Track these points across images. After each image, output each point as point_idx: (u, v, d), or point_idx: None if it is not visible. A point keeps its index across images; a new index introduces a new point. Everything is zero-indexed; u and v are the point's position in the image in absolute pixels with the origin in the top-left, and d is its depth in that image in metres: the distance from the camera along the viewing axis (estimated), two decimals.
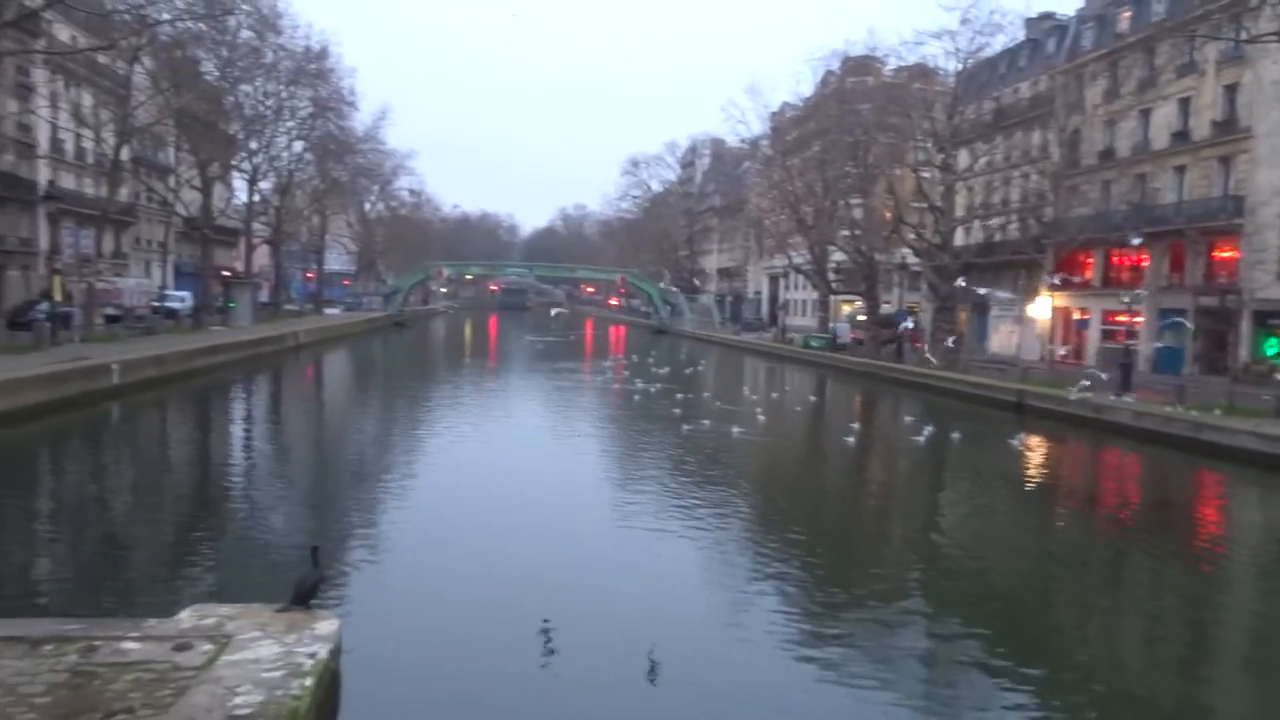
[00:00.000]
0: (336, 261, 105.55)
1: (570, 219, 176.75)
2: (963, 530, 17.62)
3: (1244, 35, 33.79)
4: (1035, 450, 26.96)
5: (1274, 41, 29.17)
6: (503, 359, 61.19)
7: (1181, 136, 46.31)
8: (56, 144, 57.02)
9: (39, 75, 52.83)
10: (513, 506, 16.87)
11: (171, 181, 59.87)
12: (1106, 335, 49.94)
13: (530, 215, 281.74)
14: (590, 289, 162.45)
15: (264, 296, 74.14)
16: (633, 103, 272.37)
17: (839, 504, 19.96)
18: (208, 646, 7.70)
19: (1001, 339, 58.52)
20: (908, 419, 30.56)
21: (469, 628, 10.44)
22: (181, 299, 59.62)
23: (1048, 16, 59.55)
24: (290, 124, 62.75)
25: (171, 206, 59.24)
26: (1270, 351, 39.65)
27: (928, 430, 26.65)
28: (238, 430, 27.64)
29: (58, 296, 37.87)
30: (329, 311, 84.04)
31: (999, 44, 53.13)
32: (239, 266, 71.76)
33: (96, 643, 7.68)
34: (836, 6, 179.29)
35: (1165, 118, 47.30)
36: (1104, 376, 33.11)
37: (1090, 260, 51.64)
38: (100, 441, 23.99)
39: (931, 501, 20.72)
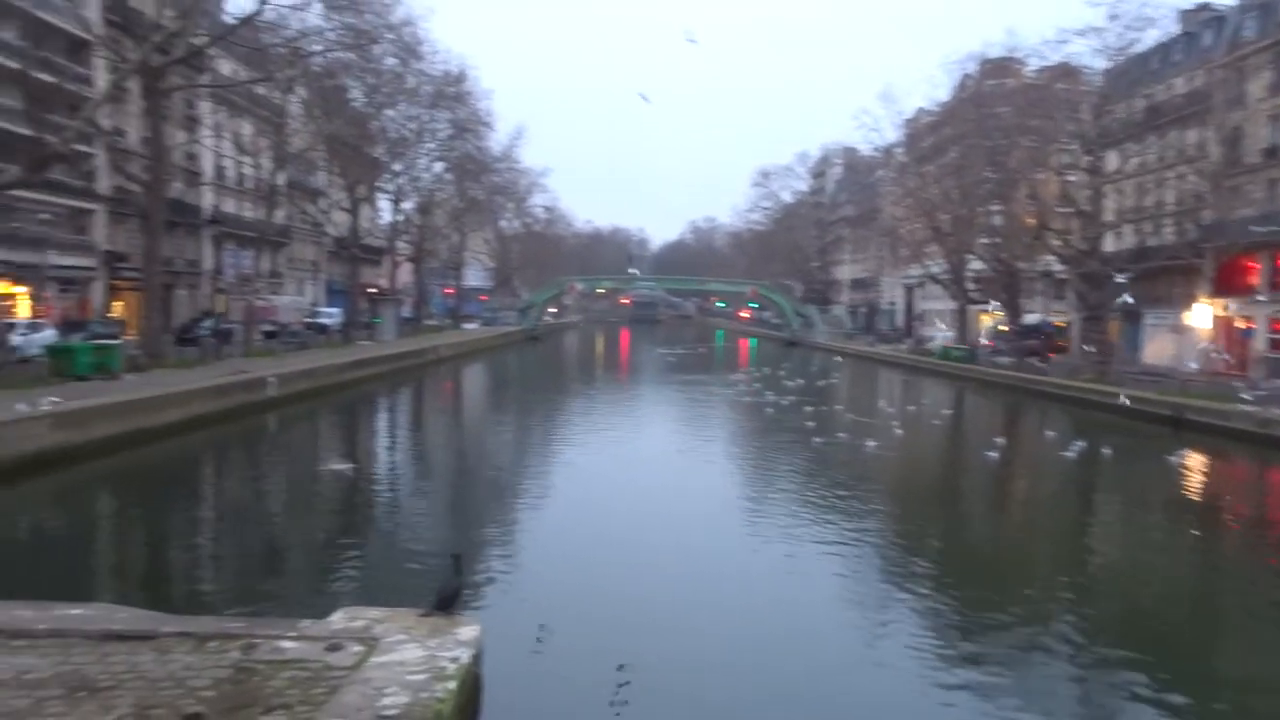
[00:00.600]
0: (474, 277, 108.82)
1: (700, 232, 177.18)
2: (1117, 553, 16.72)
3: None
4: (1196, 468, 25.38)
5: None
6: (634, 371, 61.73)
7: None
8: (219, 171, 60.90)
9: (204, 108, 56.61)
10: (645, 520, 16.96)
11: (322, 204, 63.05)
12: (1275, 345, 46.63)
13: (660, 229, 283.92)
14: (720, 301, 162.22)
15: (406, 312, 77.15)
16: (763, 114, 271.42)
17: (981, 522, 19.26)
18: (357, 648, 8.03)
19: (1156, 349, 55.35)
20: (1054, 433, 29.23)
21: (604, 639, 10.54)
22: (331, 315, 62.66)
23: (1205, 8, 56.25)
24: (431, 145, 65.25)
25: (322, 227, 62.37)
26: None
27: (1077, 445, 25.40)
28: (383, 440, 28.82)
29: (220, 313, 40.38)
30: (467, 326, 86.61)
31: (1150, 39, 50.44)
32: (384, 284, 74.89)
33: (256, 641, 8.11)
34: (972, 9, 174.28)
35: None
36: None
37: (1255, 265, 48.34)
38: (258, 450, 25.40)
39: (1081, 521, 19.72)
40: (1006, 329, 57.40)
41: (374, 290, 75.51)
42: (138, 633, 8.23)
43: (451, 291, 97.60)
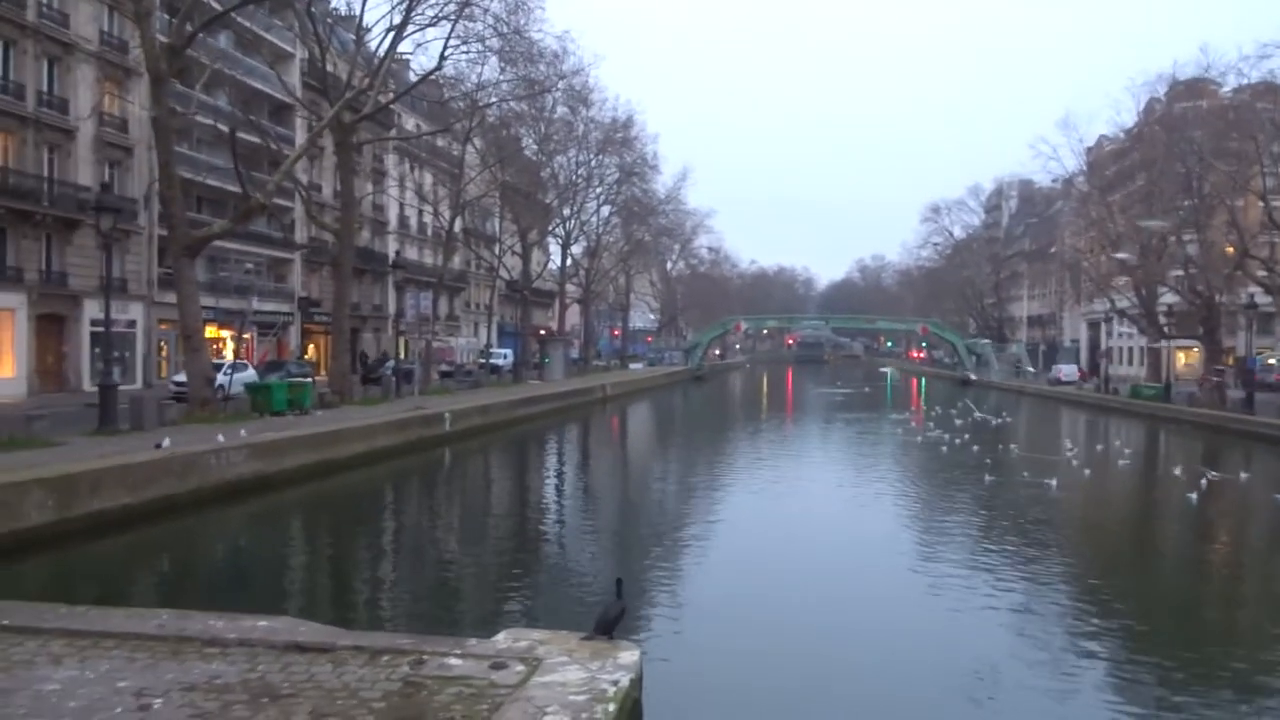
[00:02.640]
0: (640, 319, 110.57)
1: (868, 270, 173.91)
2: None
3: None
4: None
5: None
6: (799, 410, 60.83)
7: None
8: (402, 220, 64.57)
9: (390, 160, 60.30)
10: (811, 557, 16.57)
11: (496, 249, 65.77)
12: None
13: (827, 268, 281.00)
14: (889, 341, 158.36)
15: (575, 353, 79.09)
16: (932, 148, 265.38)
17: (1180, 572, 17.68)
18: (520, 667, 8.12)
19: None
20: (1266, 477, 26.72)
21: (763, 676, 10.27)
22: (504, 356, 65.03)
23: None
24: (599, 190, 67.09)
25: (496, 271, 64.87)
26: None
27: None
28: (551, 473, 29.48)
29: (401, 354, 42.59)
30: (633, 366, 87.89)
31: None
32: (553, 325, 77.13)
33: (425, 657, 8.34)
34: (1155, 27, 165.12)
35: None
36: None
37: None
38: (435, 481, 26.49)
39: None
40: (1209, 366, 53.29)
41: (544, 331, 77.86)
42: (317, 644, 8.62)
43: (618, 332, 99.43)
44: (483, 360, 60.89)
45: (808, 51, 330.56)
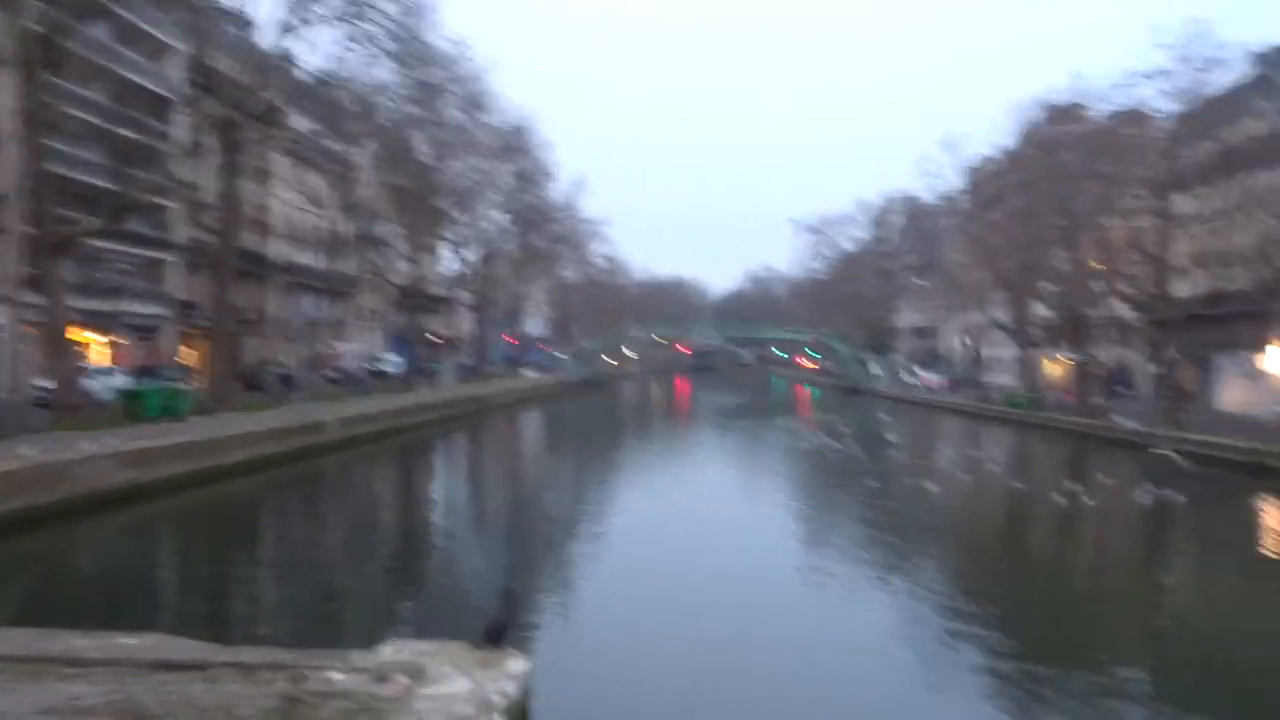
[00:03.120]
0: (534, 326, 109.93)
1: (759, 280, 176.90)
2: (1195, 607, 15.91)
3: None
4: (1276, 515, 24.29)
5: None
6: (691, 418, 61.50)
7: None
8: (289, 222, 62.67)
9: (276, 160, 58.47)
10: (701, 562, 16.71)
11: (387, 254, 64.48)
12: None
13: (720, 277, 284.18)
14: (780, 350, 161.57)
15: (467, 359, 78.10)
16: (822, 163, 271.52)
17: (1049, 572, 18.52)
18: (405, 680, 7.95)
19: (1233, 396, 53.49)
20: (1125, 479, 28.26)
21: (653, 681, 10.31)
22: (394, 362, 63.71)
23: None
24: (494, 196, 66.46)
25: (386, 276, 63.65)
26: None
27: (1152, 493, 24.47)
28: (440, 482, 29.06)
29: (286, 360, 41.33)
30: (527, 373, 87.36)
31: (1224, 80, 49.38)
32: (445, 332, 75.99)
33: (305, 672, 8.08)
34: (1036, 54, 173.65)
35: None
36: None
37: None
38: (319, 490, 25.75)
39: (1158, 574, 18.89)
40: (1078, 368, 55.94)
41: (435, 338, 76.68)
42: (190, 662, 8.26)
43: (512, 340, 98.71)
44: (372, 367, 59.62)
45: (702, 65, 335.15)
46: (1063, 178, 52.72)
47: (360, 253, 66.33)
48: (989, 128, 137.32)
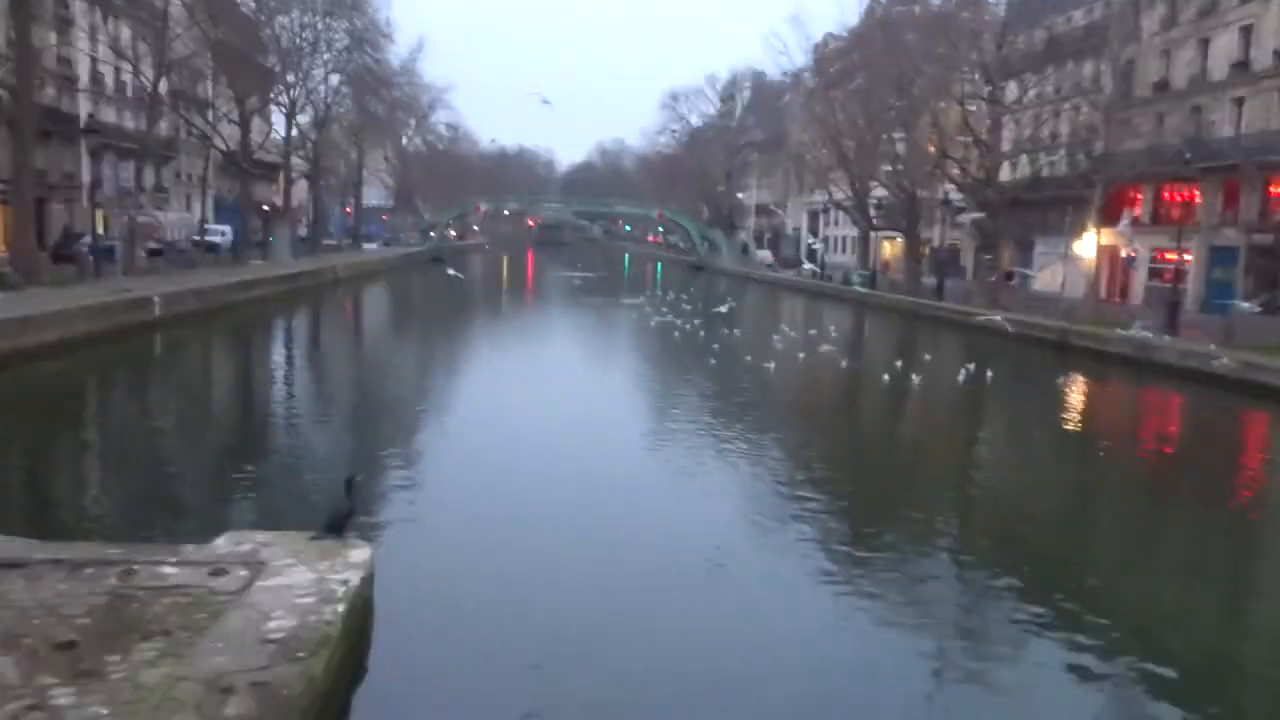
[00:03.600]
0: (374, 197, 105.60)
1: (608, 154, 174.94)
2: (1001, 471, 17.42)
3: None
4: (1078, 390, 26.56)
5: None
6: (539, 294, 61.29)
7: (1242, 67, 44.54)
8: (96, 77, 57.20)
9: (78, 8, 52.82)
10: (548, 445, 16.85)
11: (210, 115, 59.96)
12: (1154, 274, 48.78)
13: (568, 150, 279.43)
14: (627, 225, 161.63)
15: (303, 231, 74.56)
16: (672, 34, 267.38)
17: (875, 442, 19.84)
18: (243, 572, 7.80)
19: (1046, 277, 57.36)
20: (948, 357, 30.19)
21: (498, 570, 10.45)
22: (222, 233, 60.16)
23: None
24: (327, 57, 62.47)
25: (210, 141, 59.37)
26: None
27: (969, 368, 26.24)
28: (276, 363, 28.01)
29: (100, 230, 38.32)
30: (367, 247, 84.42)
31: None
32: (278, 201, 72.07)
33: (135, 567, 7.81)
34: None
35: (1225, 47, 45.49)
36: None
37: (1140, 196, 50.23)
38: (142, 373, 24.40)
39: (969, 441, 20.48)
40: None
41: (267, 208, 72.65)
42: (6, 560, 7.84)
43: (350, 211, 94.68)
44: (198, 238, 56.09)
45: None
46: (902, 59, 53.87)
47: (180, 114, 61.47)
48: (836, 5, 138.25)
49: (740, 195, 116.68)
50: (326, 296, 48.18)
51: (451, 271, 54.75)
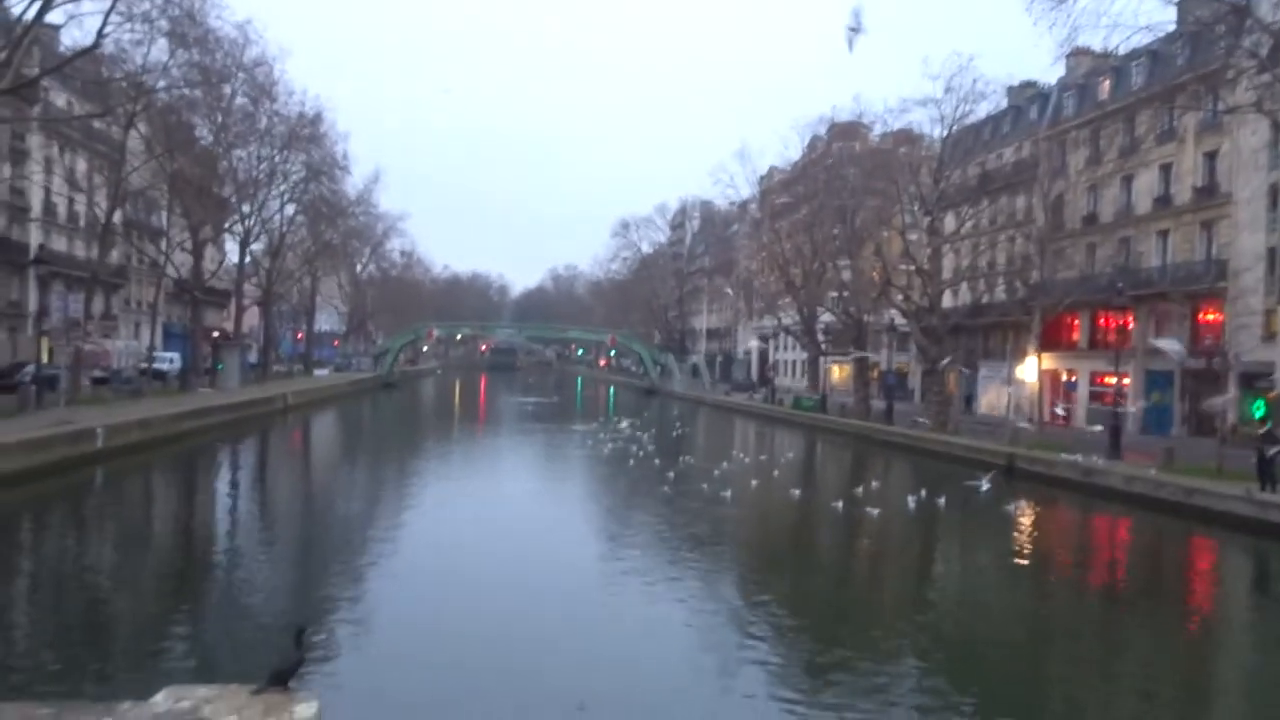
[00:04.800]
0: (327, 322, 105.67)
1: (561, 279, 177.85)
2: (955, 598, 17.42)
3: (1221, 106, 34.47)
4: (1028, 516, 26.83)
5: (1251, 112, 29.75)
6: (491, 420, 61.01)
7: (1163, 201, 47.03)
8: (49, 207, 57.31)
9: (34, 140, 53.29)
10: (501, 582, 16.52)
11: (163, 244, 60.11)
12: (1095, 396, 50.08)
13: (521, 275, 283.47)
14: (580, 349, 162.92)
15: (253, 358, 74.00)
16: (624, 164, 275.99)
17: (830, 570, 19.76)
18: None
19: (991, 400, 58.61)
20: (898, 483, 30.42)
21: (454, 713, 10.17)
22: (170, 360, 59.53)
23: (1030, 85, 60.65)
24: (283, 187, 63.30)
25: (162, 269, 59.38)
26: (1258, 414, 39.74)
27: (920, 494, 26.50)
28: (222, 497, 27.33)
29: (44, 359, 37.71)
30: (318, 373, 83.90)
31: (983, 110, 54.08)
32: (229, 328, 71.71)
33: None
34: (824, 73, 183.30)
35: (1147, 183, 48.08)
36: (1098, 428, 33.10)
37: (1077, 322, 52.00)
38: (82, 510, 23.68)
39: (924, 568, 20.51)
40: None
41: (218, 334, 72.23)
42: None
43: (302, 336, 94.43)
44: (145, 366, 55.39)
45: (506, 61, 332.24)
46: (844, 191, 56.14)
47: (132, 243, 61.55)
48: (780, 142, 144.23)
49: (692, 320, 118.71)
50: (275, 425, 47.52)
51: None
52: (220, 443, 37.64)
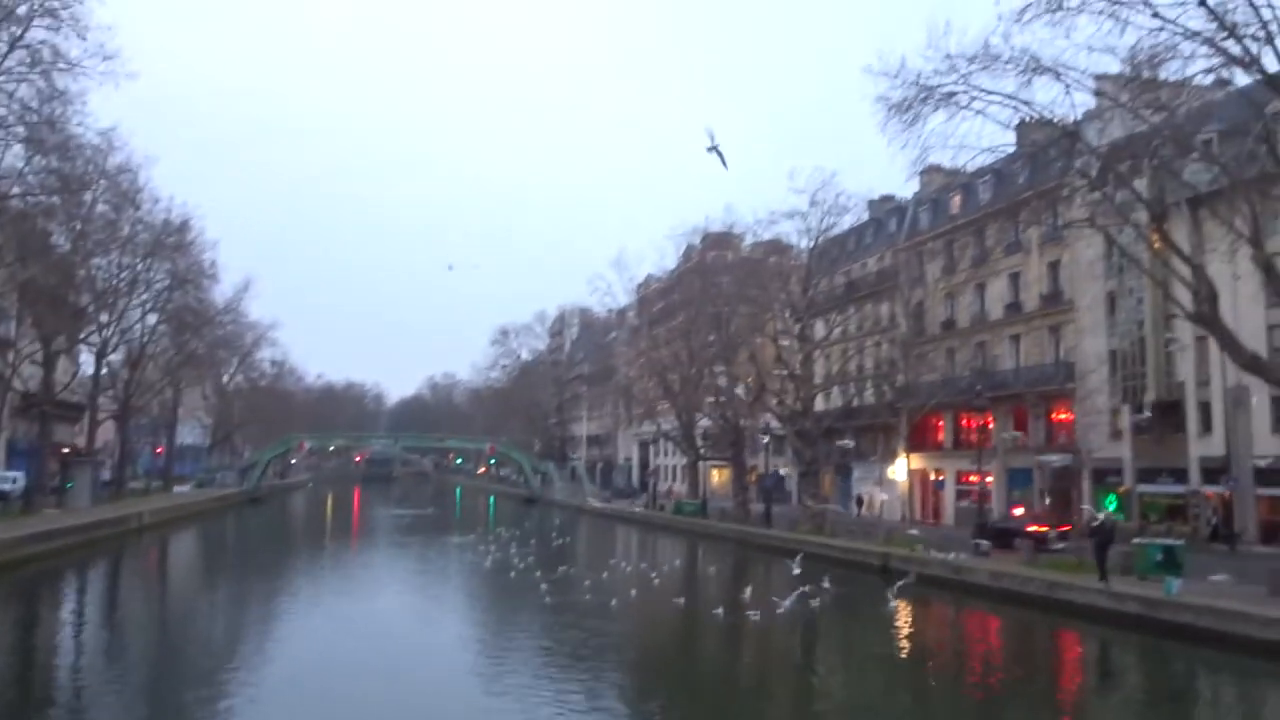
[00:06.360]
0: (190, 435, 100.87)
1: (439, 388, 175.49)
2: (837, 705, 17.41)
3: (1059, 221, 37.20)
4: (903, 616, 27.24)
5: (1085, 226, 32.18)
6: (366, 535, 58.87)
7: (1014, 308, 50.08)
8: None
9: None
10: (378, 706, 15.73)
11: (11, 356, 56.72)
12: (961, 495, 51.91)
13: (398, 385, 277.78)
14: (459, 458, 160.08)
15: (106, 475, 69.77)
16: (502, 272, 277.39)
17: (714, 678, 19.52)
18: None
19: (866, 499, 60.02)
20: (778, 587, 30.50)
21: None
22: (13, 480, 55.55)
23: (888, 199, 64.35)
24: (145, 296, 60.94)
25: (8, 382, 55.93)
26: (1110, 507, 41.89)
27: (799, 596, 26.59)
28: (68, 629, 25.25)
29: None
30: (179, 489, 79.74)
31: (846, 222, 56.96)
32: (81, 443, 67.63)
33: None
34: (698, 184, 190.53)
35: (998, 291, 51.19)
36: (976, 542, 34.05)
37: (941, 423, 54.18)
38: None
39: (805, 672, 20.50)
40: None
41: (68, 450, 67.94)
42: None
43: (162, 451, 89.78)
44: None
45: (378, 169, 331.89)
46: (719, 299, 57.78)
47: None
48: (656, 250, 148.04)
49: (572, 427, 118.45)
50: (129, 546, 44.59)
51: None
52: (67, 568, 35.03)
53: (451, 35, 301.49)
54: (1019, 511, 44.27)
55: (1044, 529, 36.21)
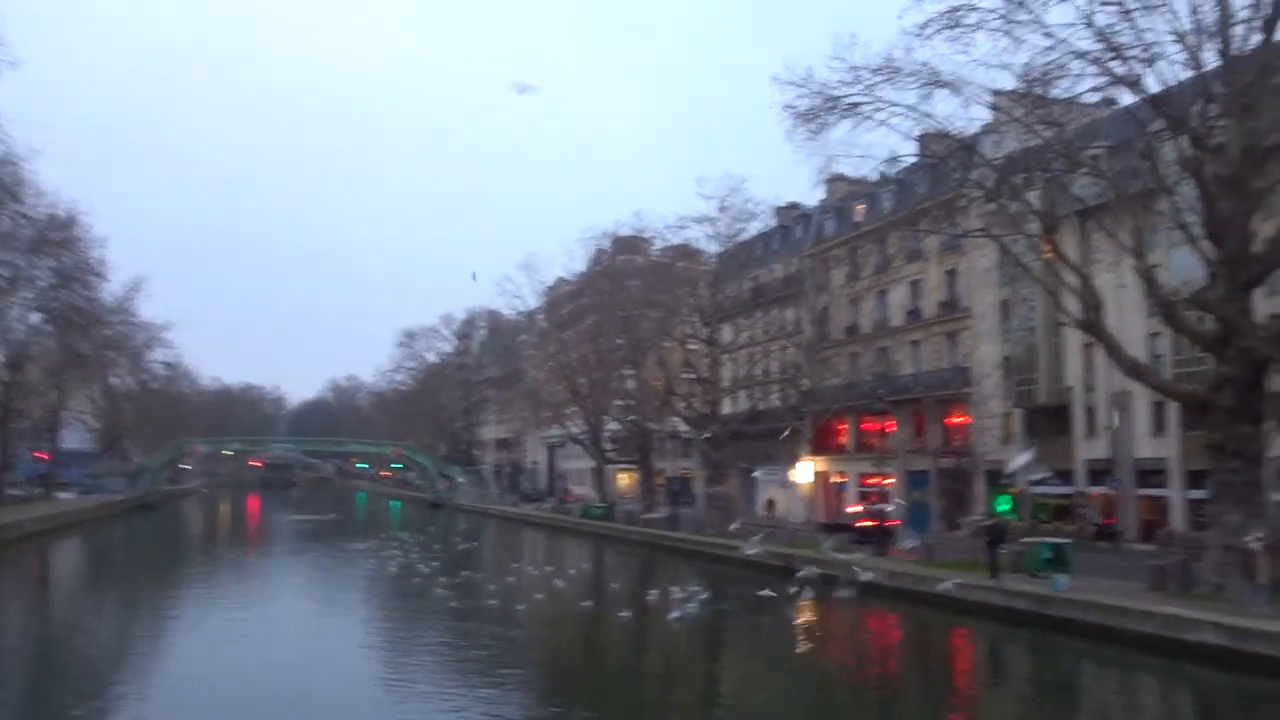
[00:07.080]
0: (75, 440, 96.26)
1: (342, 391, 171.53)
2: (739, 701, 17.58)
3: (957, 230, 38.38)
4: (806, 616, 27.69)
5: (981, 236, 33.27)
6: (263, 542, 57.15)
7: (914, 314, 51.45)
8: None
9: None
10: (268, 715, 15.25)
11: None
12: (864, 496, 53.06)
13: (299, 388, 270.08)
14: (362, 463, 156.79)
15: None
16: (407, 275, 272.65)
17: (620, 682, 19.51)
18: None
19: (771, 501, 60.88)
20: (681, 588, 30.67)
21: None
22: None
23: (794, 206, 65.31)
24: (28, 295, 58.00)
25: None
26: (1002, 508, 43.32)
27: (703, 599, 26.77)
28: None
29: None
30: (63, 496, 76.10)
31: (754, 229, 57.72)
32: None
33: None
34: (608, 187, 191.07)
35: (900, 298, 52.52)
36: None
37: (844, 426, 55.33)
38: None
39: (708, 674, 20.64)
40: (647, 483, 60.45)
41: None
42: None
43: (45, 456, 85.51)
44: None
45: (283, 168, 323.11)
46: (627, 302, 57.90)
47: None
48: (565, 254, 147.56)
49: (479, 430, 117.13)
50: (9, 557, 42.33)
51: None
52: None
53: (351, 22, 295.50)
54: (854, 509, 46.24)
55: (871, 524, 38.54)
